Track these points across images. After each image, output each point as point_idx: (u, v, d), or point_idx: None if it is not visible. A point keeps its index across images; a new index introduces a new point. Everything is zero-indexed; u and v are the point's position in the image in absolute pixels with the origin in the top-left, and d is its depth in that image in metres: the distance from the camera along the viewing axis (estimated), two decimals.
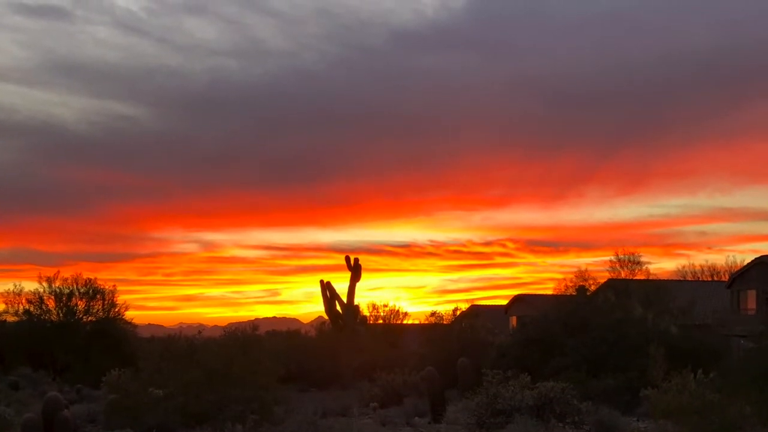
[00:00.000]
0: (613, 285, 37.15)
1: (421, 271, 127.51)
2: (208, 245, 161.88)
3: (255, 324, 41.70)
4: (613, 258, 40.86)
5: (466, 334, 34.01)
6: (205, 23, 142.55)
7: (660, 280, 43.25)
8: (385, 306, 56.58)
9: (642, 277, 39.37)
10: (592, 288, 38.06)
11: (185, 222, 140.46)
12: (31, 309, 40.99)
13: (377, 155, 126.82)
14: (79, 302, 41.41)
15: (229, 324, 33.41)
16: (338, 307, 48.37)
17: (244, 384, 21.01)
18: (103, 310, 41.78)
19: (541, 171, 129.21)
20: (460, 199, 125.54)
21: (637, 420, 21.14)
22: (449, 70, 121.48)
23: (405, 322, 56.46)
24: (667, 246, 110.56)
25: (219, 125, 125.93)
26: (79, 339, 39.69)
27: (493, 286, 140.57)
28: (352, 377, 37.16)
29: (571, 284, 38.66)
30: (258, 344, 29.49)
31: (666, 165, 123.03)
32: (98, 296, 41.69)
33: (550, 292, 43.13)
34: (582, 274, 39.28)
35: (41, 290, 41.15)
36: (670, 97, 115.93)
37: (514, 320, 53.69)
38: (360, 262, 49.67)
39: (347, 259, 49.65)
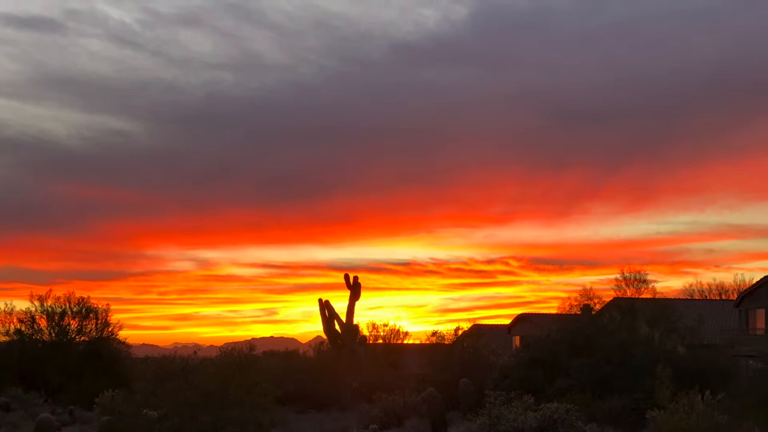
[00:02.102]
0: (618, 304, 36.89)
1: (421, 290, 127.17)
2: (204, 263, 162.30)
3: (252, 344, 41.19)
4: (618, 276, 40.46)
5: (468, 355, 33.45)
6: (200, 36, 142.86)
7: (667, 298, 43.01)
8: (385, 325, 56.23)
9: (648, 296, 38.96)
10: (598, 307, 37.79)
11: (180, 239, 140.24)
12: (23, 328, 40.41)
13: (377, 171, 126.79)
14: (71, 321, 40.79)
15: (225, 344, 33.05)
16: (337, 327, 47.68)
17: (241, 405, 20.56)
18: (96, 329, 41.20)
19: (545, 187, 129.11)
20: (462, 216, 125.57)
21: None
22: (451, 84, 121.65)
23: (405, 341, 56.09)
24: (674, 264, 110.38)
25: (215, 140, 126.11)
26: (72, 359, 39.08)
27: (496, 305, 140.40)
28: (351, 398, 36.62)
29: (575, 303, 38.43)
30: (255, 365, 29.10)
31: (673, 181, 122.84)
32: (91, 315, 41.11)
33: (554, 311, 42.79)
34: (587, 293, 38.99)
35: (33, 309, 40.63)
36: (677, 111, 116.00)
37: (517, 340, 53.15)
38: (359, 281, 49.01)
39: (346, 277, 48.99)
